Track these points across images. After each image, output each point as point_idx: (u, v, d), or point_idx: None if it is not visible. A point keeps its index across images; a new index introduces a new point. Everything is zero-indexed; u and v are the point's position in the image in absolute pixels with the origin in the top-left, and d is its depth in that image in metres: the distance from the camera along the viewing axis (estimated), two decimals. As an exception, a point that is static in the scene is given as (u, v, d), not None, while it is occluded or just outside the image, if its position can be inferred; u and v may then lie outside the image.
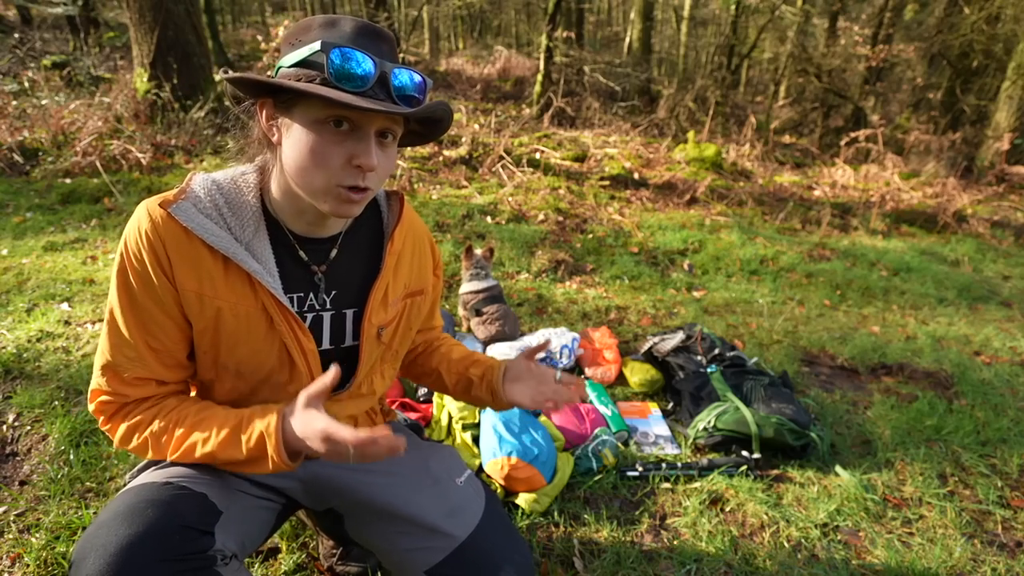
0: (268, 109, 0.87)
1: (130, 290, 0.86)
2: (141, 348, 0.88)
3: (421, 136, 0.99)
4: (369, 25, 0.85)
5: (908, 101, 10.74)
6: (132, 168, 4.47)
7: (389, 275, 1.02)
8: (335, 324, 1.00)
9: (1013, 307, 3.84)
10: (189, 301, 0.87)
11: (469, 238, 3.80)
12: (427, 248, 1.13)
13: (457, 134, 6.03)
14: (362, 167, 0.82)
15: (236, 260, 0.86)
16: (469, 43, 17.20)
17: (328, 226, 0.97)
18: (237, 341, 0.91)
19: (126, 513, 0.77)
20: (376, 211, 1.07)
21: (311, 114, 0.81)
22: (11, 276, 2.84)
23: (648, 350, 2.41)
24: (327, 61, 0.79)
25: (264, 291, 0.88)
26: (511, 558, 1.01)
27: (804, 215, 5.47)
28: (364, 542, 1.11)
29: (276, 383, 0.96)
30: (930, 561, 1.51)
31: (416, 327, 1.14)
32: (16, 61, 7.25)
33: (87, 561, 0.74)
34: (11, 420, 1.80)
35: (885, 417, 2.22)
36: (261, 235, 0.91)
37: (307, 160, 0.82)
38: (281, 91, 0.83)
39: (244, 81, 0.82)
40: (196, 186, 0.89)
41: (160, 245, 0.84)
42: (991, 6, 8.32)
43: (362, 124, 0.82)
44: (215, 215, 0.88)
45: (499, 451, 1.62)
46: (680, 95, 9.05)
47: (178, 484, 0.84)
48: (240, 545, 0.91)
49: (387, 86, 0.82)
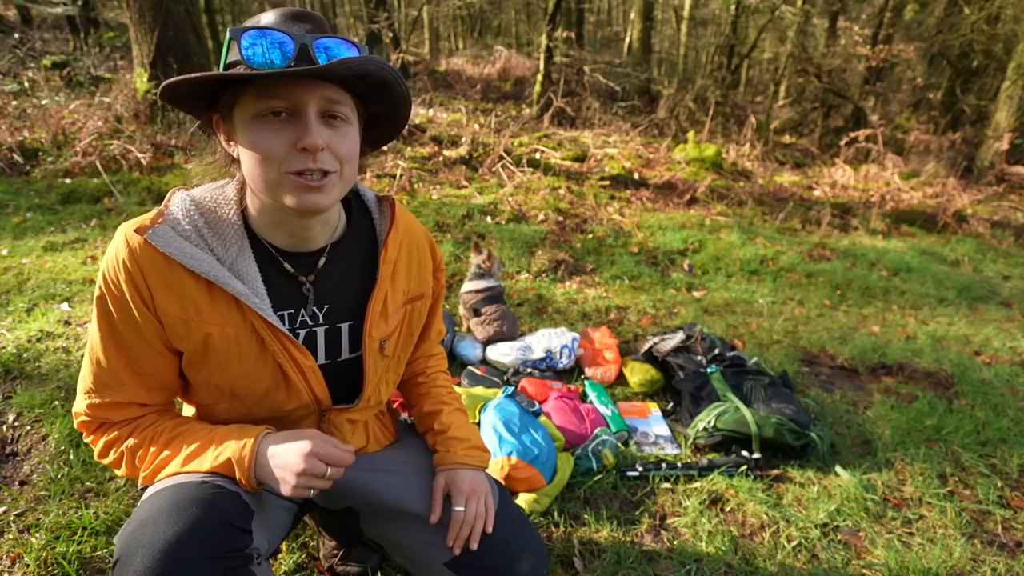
0: (221, 125, 0.85)
1: (110, 319, 0.85)
2: (122, 374, 0.87)
3: (387, 118, 0.92)
4: (291, 8, 0.82)
5: (908, 101, 10.74)
6: (132, 168, 4.47)
7: (387, 285, 0.99)
8: (330, 338, 0.98)
9: (1013, 307, 3.83)
10: (174, 328, 0.85)
11: (469, 238, 3.80)
12: (426, 250, 1.10)
13: (457, 134, 6.03)
14: (308, 148, 0.78)
15: (220, 283, 0.83)
16: (469, 43, 17.20)
17: (312, 238, 0.93)
18: (228, 363, 0.89)
19: (171, 511, 0.77)
20: (367, 219, 1.03)
21: (247, 112, 0.78)
22: (11, 276, 2.84)
23: (648, 350, 2.41)
24: (240, 49, 0.76)
25: (252, 313, 0.86)
26: (527, 547, 1.02)
27: (804, 215, 5.47)
28: (380, 538, 1.13)
29: (273, 403, 0.95)
30: (930, 561, 1.51)
31: (417, 332, 1.12)
32: (16, 61, 7.25)
33: (135, 558, 0.73)
34: (11, 420, 1.80)
35: (885, 417, 2.22)
36: (246, 253, 0.88)
37: (253, 158, 0.79)
38: (208, 93, 0.81)
39: (167, 92, 0.77)
40: (174, 207, 0.86)
41: (139, 274, 0.82)
42: (991, 6, 8.32)
43: (297, 107, 0.78)
44: (195, 237, 0.85)
45: (499, 451, 1.62)
46: (680, 95, 9.04)
47: (214, 483, 0.84)
48: (267, 545, 0.92)
49: (311, 59, 0.78)
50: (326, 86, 0.79)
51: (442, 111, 7.40)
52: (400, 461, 1.13)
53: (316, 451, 0.85)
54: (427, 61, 11.84)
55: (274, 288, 0.90)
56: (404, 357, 1.11)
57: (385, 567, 1.35)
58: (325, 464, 0.85)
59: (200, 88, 0.78)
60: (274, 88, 0.76)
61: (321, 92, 0.78)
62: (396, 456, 1.14)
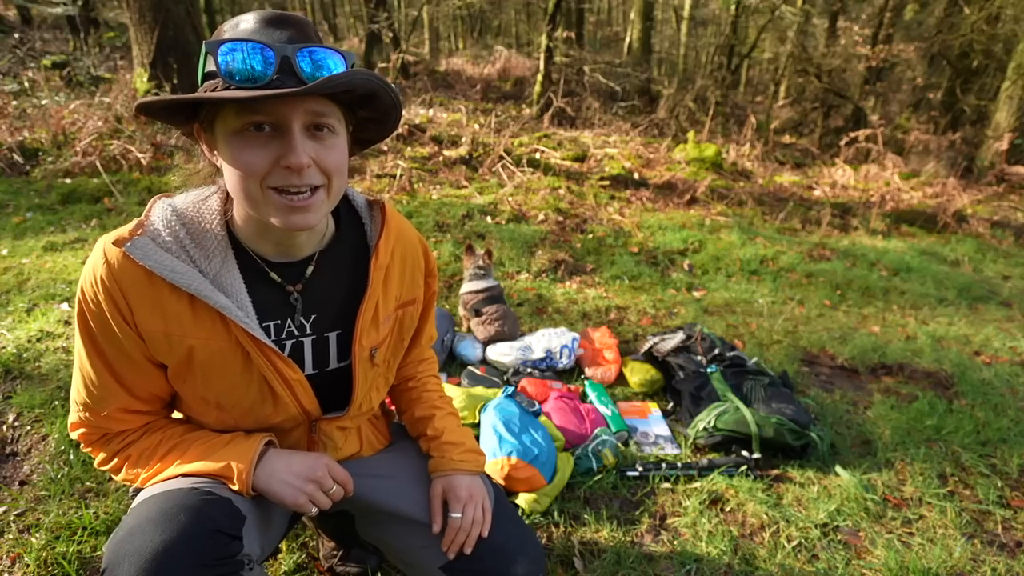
0: (203, 135, 0.82)
1: (91, 334, 0.84)
2: (112, 386, 0.87)
3: (376, 122, 0.87)
4: (272, 12, 0.77)
5: (908, 101, 10.74)
6: (132, 168, 4.47)
7: (378, 292, 0.97)
8: (318, 348, 0.96)
9: (1013, 307, 3.83)
10: (156, 342, 0.84)
11: (469, 238, 3.80)
12: (419, 254, 1.07)
13: (457, 134, 6.03)
14: (291, 168, 0.74)
15: (202, 297, 0.80)
16: (469, 43, 17.20)
17: (299, 246, 0.90)
18: (213, 376, 0.88)
19: (158, 518, 0.76)
20: (357, 224, 1.00)
21: (228, 127, 0.75)
22: (11, 276, 2.84)
23: (648, 350, 2.41)
24: (216, 64, 0.73)
25: (236, 326, 0.83)
26: (523, 549, 1.02)
27: (804, 215, 5.47)
28: (376, 542, 1.12)
29: (261, 415, 0.93)
30: (930, 561, 1.51)
31: (408, 338, 1.10)
32: (16, 61, 7.25)
33: (121, 567, 0.73)
34: (11, 420, 1.80)
35: (885, 417, 2.22)
36: (230, 264, 0.85)
37: (235, 174, 0.76)
38: (187, 106, 0.77)
39: (149, 107, 0.75)
40: (155, 218, 0.83)
41: (117, 290, 0.80)
42: (991, 6, 8.32)
43: (280, 122, 0.74)
44: (176, 248, 0.82)
45: (499, 451, 1.62)
46: (680, 95, 9.04)
47: (204, 490, 0.83)
48: (260, 550, 0.92)
49: (294, 72, 0.74)
50: (311, 99, 0.75)
51: (442, 111, 7.39)
52: (394, 465, 1.12)
53: (329, 464, 0.92)
54: (427, 61, 11.84)
55: (260, 299, 0.88)
56: (395, 363, 1.09)
57: (385, 567, 1.35)
58: (332, 481, 0.91)
59: (176, 103, 0.75)
60: (256, 103, 0.72)
61: (305, 106, 0.75)
62: (390, 460, 1.13)
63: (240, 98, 0.69)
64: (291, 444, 1.01)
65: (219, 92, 0.72)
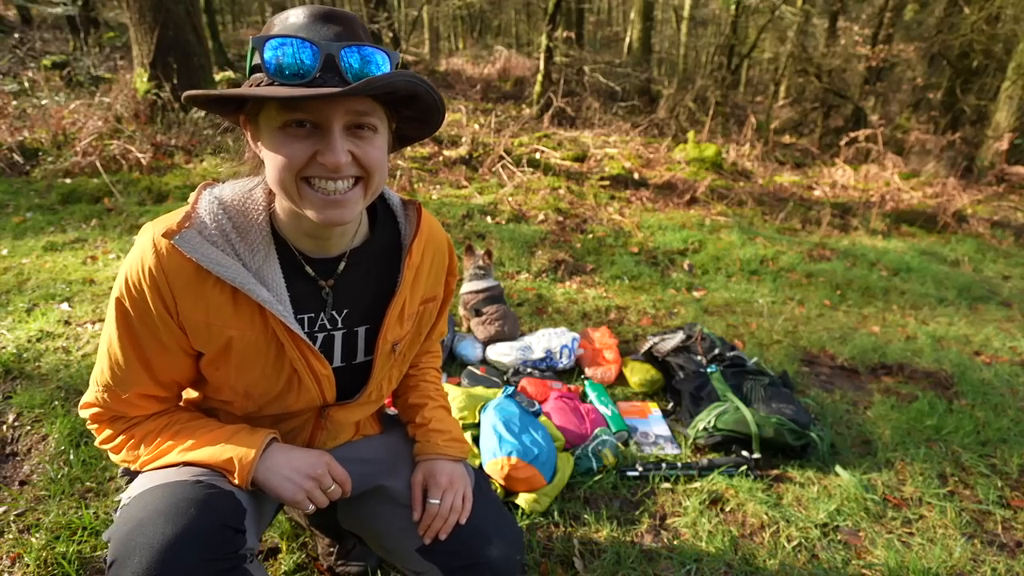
0: (249, 126, 0.84)
1: (128, 320, 0.85)
2: (137, 371, 0.88)
3: (419, 121, 0.89)
4: (321, 8, 0.78)
5: (908, 101, 10.74)
6: (132, 168, 4.47)
7: (407, 291, 0.99)
8: (347, 342, 0.98)
9: (1013, 307, 3.83)
10: (197, 332, 0.85)
11: (469, 238, 3.80)
12: (445, 254, 1.09)
13: (457, 134, 6.03)
14: (327, 165, 0.76)
15: (245, 291, 0.82)
16: (469, 43, 17.20)
17: (336, 244, 0.92)
18: (247, 366, 0.89)
19: (168, 511, 0.77)
20: (392, 223, 1.02)
21: (272, 122, 0.77)
22: (11, 276, 2.84)
23: (648, 350, 2.41)
24: (262, 59, 0.74)
25: (275, 319, 0.86)
26: (499, 531, 1.03)
27: (804, 215, 5.47)
28: (356, 527, 1.14)
29: (284, 403, 0.96)
30: (930, 561, 1.51)
31: (426, 332, 1.12)
32: (16, 61, 7.25)
33: (132, 559, 0.73)
34: (11, 420, 1.80)
35: (885, 417, 2.22)
36: (271, 259, 0.87)
37: (275, 167, 0.78)
38: (235, 104, 0.80)
39: (196, 99, 0.77)
40: (202, 210, 0.85)
41: (164, 282, 0.81)
42: (991, 6, 8.32)
43: (322, 121, 0.76)
44: (222, 242, 0.84)
45: (499, 451, 1.62)
46: (680, 95, 9.05)
47: (208, 483, 0.83)
48: (256, 542, 0.93)
49: (338, 70, 0.75)
50: (353, 99, 0.76)
51: (442, 111, 7.39)
52: (379, 447, 1.14)
53: (330, 463, 0.93)
54: (427, 61, 11.84)
55: (295, 292, 0.90)
56: (410, 356, 1.11)
57: (385, 567, 1.35)
58: (331, 480, 0.92)
59: (222, 97, 0.77)
60: (297, 102, 0.73)
61: (347, 106, 0.76)
62: (378, 443, 1.15)
63: (282, 96, 0.71)
64: (296, 426, 1.03)
65: (263, 89, 0.74)
